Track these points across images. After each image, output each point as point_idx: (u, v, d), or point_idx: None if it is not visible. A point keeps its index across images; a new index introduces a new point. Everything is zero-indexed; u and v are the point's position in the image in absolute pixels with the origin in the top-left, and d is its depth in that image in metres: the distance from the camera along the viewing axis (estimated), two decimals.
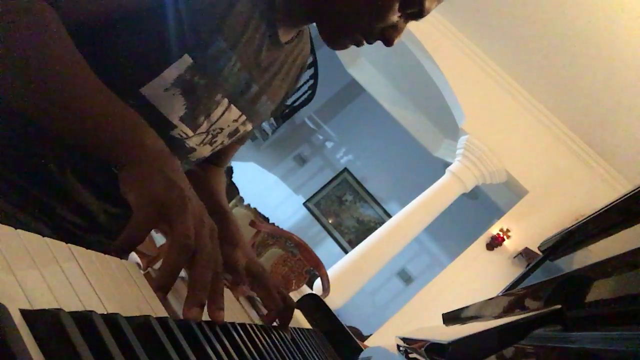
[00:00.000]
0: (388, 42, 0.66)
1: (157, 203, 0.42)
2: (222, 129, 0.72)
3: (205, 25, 0.59)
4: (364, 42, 0.67)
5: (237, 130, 0.76)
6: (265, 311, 0.62)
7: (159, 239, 2.22)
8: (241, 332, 0.43)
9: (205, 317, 0.39)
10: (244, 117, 0.74)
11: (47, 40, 0.48)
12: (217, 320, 0.39)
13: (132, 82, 0.60)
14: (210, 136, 0.72)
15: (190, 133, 0.68)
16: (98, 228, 0.69)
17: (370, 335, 3.89)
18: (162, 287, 0.38)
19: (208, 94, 0.65)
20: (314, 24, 0.70)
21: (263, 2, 0.64)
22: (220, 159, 0.90)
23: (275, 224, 3.26)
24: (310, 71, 5.84)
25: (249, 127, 0.78)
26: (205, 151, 0.75)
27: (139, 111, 0.53)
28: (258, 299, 0.65)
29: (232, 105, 0.70)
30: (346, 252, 5.65)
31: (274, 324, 0.60)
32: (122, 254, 0.39)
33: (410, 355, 0.60)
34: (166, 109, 0.63)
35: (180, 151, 0.70)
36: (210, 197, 0.80)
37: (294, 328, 0.66)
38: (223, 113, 0.70)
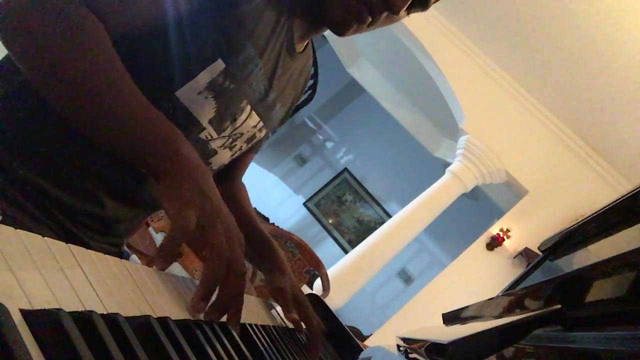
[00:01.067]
0: (393, 10, 0.63)
1: (194, 210, 0.45)
2: (242, 134, 0.74)
3: (238, 31, 0.61)
4: (368, 17, 0.64)
5: (254, 136, 0.78)
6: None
7: (158, 238, 2.22)
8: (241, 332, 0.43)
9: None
10: (261, 124, 0.76)
11: (95, 51, 0.51)
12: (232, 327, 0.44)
13: (168, 84, 0.62)
14: (230, 140, 0.74)
15: (215, 135, 0.70)
16: (105, 231, 0.70)
17: (370, 335, 3.88)
18: (204, 298, 0.42)
19: (235, 99, 0.67)
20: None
21: (286, 11, 0.66)
22: (238, 169, 0.93)
23: (275, 224, 3.26)
24: (310, 71, 5.83)
25: (264, 133, 0.80)
26: (226, 156, 0.76)
27: (172, 112, 0.56)
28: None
29: (252, 112, 0.72)
30: (346, 252, 5.64)
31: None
32: (164, 260, 0.43)
33: (410, 355, 0.59)
34: (197, 111, 0.65)
35: (204, 153, 0.72)
36: (253, 226, 0.85)
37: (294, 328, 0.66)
38: (246, 119, 0.72)
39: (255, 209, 3.50)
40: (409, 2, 0.63)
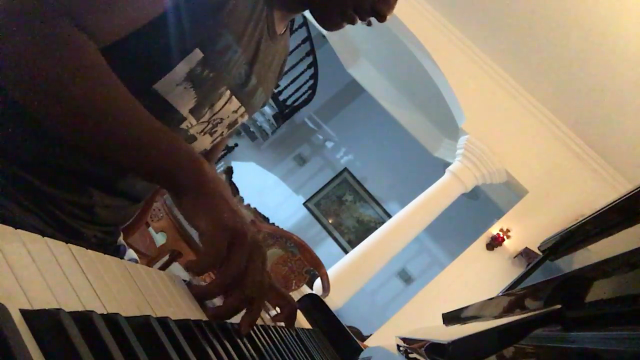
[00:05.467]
0: (380, 17, 0.68)
1: (228, 231, 0.46)
2: (222, 120, 0.75)
3: (212, 19, 0.61)
4: (357, 19, 0.69)
5: (236, 121, 0.78)
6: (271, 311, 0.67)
7: (158, 238, 2.22)
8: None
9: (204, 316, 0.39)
10: (242, 109, 0.76)
11: (98, 79, 0.50)
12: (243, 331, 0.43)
13: (145, 78, 0.61)
14: (210, 126, 0.74)
15: (194, 122, 0.70)
16: (95, 220, 0.70)
17: (370, 335, 3.89)
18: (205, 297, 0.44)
19: (214, 86, 0.67)
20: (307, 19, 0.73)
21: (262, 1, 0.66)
22: (212, 153, 0.93)
23: (275, 224, 3.26)
24: (310, 71, 5.83)
25: (245, 118, 0.80)
26: (206, 141, 0.76)
27: (151, 106, 0.54)
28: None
29: (233, 97, 0.72)
30: (346, 252, 5.65)
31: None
32: (198, 273, 0.44)
33: (410, 355, 0.59)
34: (177, 103, 0.65)
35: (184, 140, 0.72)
36: None
37: (294, 328, 0.66)
38: (225, 104, 0.72)
39: (255, 208, 3.50)
40: (393, 8, 0.69)
